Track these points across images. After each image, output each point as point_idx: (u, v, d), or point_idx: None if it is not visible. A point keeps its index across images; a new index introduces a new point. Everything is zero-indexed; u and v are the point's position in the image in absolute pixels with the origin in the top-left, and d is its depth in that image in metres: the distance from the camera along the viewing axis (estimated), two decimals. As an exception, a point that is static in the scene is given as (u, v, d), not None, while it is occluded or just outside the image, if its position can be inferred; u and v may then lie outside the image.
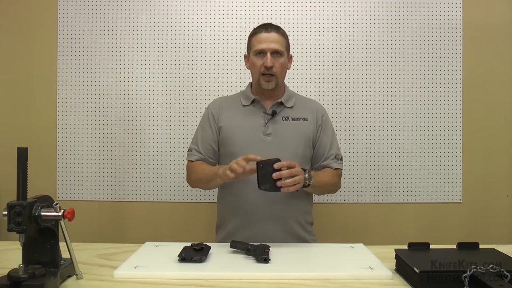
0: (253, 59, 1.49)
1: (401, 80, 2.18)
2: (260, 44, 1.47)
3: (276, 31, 1.48)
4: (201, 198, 2.16)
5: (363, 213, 2.18)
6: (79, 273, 0.99)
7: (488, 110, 2.19)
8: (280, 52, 1.47)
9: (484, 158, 2.19)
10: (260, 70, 1.48)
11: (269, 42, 1.46)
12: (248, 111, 1.54)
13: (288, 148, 1.47)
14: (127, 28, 2.17)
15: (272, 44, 1.46)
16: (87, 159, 2.17)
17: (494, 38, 2.19)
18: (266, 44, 1.46)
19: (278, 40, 1.47)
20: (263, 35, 1.47)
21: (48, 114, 2.17)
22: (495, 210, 2.19)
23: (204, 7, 2.17)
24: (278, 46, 1.46)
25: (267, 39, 1.46)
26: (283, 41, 1.49)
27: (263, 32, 1.48)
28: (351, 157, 2.16)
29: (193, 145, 1.56)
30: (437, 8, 2.18)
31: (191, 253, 1.11)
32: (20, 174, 0.92)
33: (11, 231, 0.89)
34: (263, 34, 1.47)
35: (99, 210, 2.16)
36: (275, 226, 1.46)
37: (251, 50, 1.51)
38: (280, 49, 1.47)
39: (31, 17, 2.17)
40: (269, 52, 1.46)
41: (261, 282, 0.98)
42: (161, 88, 2.17)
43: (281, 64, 1.48)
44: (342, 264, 1.11)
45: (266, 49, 1.46)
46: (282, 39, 1.49)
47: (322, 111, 1.59)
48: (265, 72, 1.47)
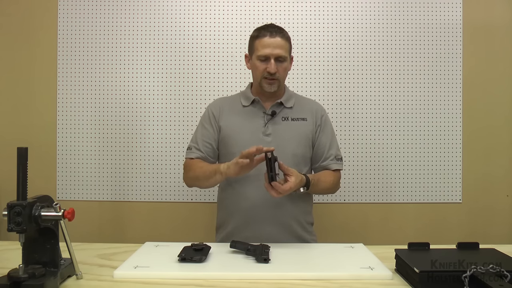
0: (256, 63, 1.48)
1: (401, 80, 2.18)
2: (264, 49, 1.44)
3: (280, 35, 1.45)
4: (201, 198, 2.16)
5: (363, 213, 2.18)
6: (79, 273, 0.99)
7: (488, 110, 2.19)
8: (283, 57, 1.46)
9: (484, 158, 2.19)
10: (263, 74, 1.47)
11: (274, 48, 1.44)
12: (248, 111, 1.54)
13: (287, 149, 1.47)
14: (127, 28, 2.17)
15: (277, 50, 1.44)
16: (87, 159, 2.17)
17: (494, 38, 2.19)
18: (271, 49, 1.44)
19: (283, 45, 1.45)
20: (267, 40, 1.44)
21: (48, 114, 2.17)
22: (495, 210, 2.19)
23: (204, 7, 2.17)
24: (282, 52, 1.44)
25: (272, 44, 1.44)
26: (287, 46, 1.47)
27: (268, 37, 1.45)
28: (351, 157, 2.16)
29: (193, 143, 1.55)
30: (437, 8, 2.18)
31: (191, 253, 1.11)
32: (20, 174, 0.92)
33: (11, 231, 0.89)
34: (267, 39, 1.44)
35: (99, 210, 2.16)
36: (275, 226, 1.46)
37: (254, 53, 1.48)
38: (284, 55, 1.45)
39: (31, 17, 2.17)
40: (273, 58, 1.44)
41: (261, 282, 0.98)
42: (161, 88, 2.17)
43: (284, 69, 1.48)
44: (342, 264, 1.11)
45: (270, 55, 1.44)
46: (286, 43, 1.46)
47: (322, 111, 1.59)
48: (268, 76, 1.47)
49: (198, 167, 1.48)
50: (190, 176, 1.51)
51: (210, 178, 1.42)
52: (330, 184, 1.50)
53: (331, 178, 1.50)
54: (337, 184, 1.55)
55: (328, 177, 1.50)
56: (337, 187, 1.56)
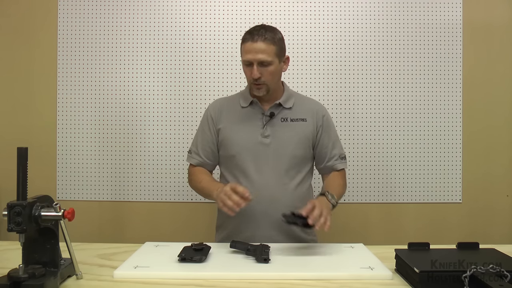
0: (244, 68, 1.47)
1: (401, 80, 2.18)
2: (246, 54, 1.42)
3: (262, 39, 1.39)
4: (201, 198, 2.14)
5: (363, 213, 2.18)
6: (79, 273, 0.99)
7: (488, 110, 2.19)
8: (267, 62, 1.40)
9: (484, 158, 2.19)
10: (250, 80, 1.46)
11: (255, 53, 1.39)
12: (247, 113, 1.53)
13: (286, 150, 1.47)
14: (127, 28, 2.17)
15: (258, 55, 1.39)
16: (87, 159, 2.17)
17: (494, 38, 2.19)
18: (252, 55, 1.40)
19: (265, 49, 1.39)
20: (249, 45, 1.40)
21: (48, 114, 2.17)
22: (495, 210, 2.19)
23: (204, 7, 2.17)
24: (264, 56, 1.39)
25: (253, 49, 1.39)
26: (270, 49, 1.40)
27: (250, 41, 1.40)
28: (351, 157, 2.16)
29: (193, 147, 1.57)
30: (437, 8, 2.18)
31: (191, 253, 1.11)
32: (20, 174, 0.92)
33: (11, 231, 0.89)
34: (249, 44, 1.40)
35: (99, 210, 2.16)
36: (275, 226, 1.46)
37: (242, 58, 1.46)
38: (267, 59, 1.39)
39: (31, 17, 2.17)
40: (256, 63, 1.41)
41: (261, 282, 0.98)
42: (161, 88, 2.17)
43: (270, 73, 1.43)
44: (342, 264, 1.11)
45: (252, 60, 1.41)
46: (269, 47, 1.40)
47: (323, 111, 1.57)
48: (253, 82, 1.45)
49: (198, 181, 1.51)
50: (192, 186, 1.57)
51: (208, 197, 1.48)
52: (342, 186, 1.53)
53: (341, 181, 1.53)
54: (345, 183, 1.58)
55: (338, 180, 1.53)
56: (346, 187, 1.59)
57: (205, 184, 1.48)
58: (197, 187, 1.53)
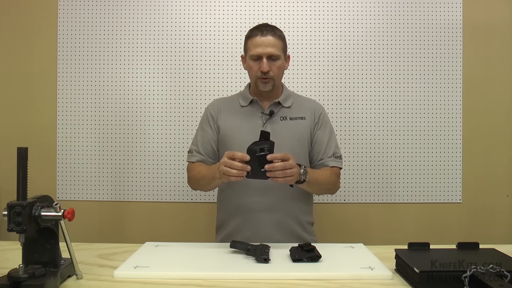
0: (250, 63, 1.49)
1: (401, 80, 2.18)
2: (256, 48, 1.45)
3: (272, 34, 1.46)
4: (201, 198, 2.16)
5: (363, 213, 2.18)
6: (79, 273, 0.99)
7: (488, 110, 2.19)
8: (276, 56, 1.46)
9: (484, 158, 2.19)
10: (257, 74, 1.47)
11: (265, 47, 1.44)
12: (246, 111, 1.54)
13: (286, 148, 1.46)
14: (127, 28, 2.17)
15: (268, 49, 1.44)
16: (87, 159, 2.17)
17: (494, 38, 2.19)
18: (262, 48, 1.44)
19: (274, 43, 1.45)
20: (258, 39, 1.45)
21: (48, 114, 2.17)
22: (495, 210, 2.19)
23: (204, 7, 2.17)
24: (274, 50, 1.44)
25: (263, 43, 1.44)
26: (279, 44, 1.47)
27: (259, 36, 1.45)
28: (351, 157, 2.16)
29: (193, 146, 1.57)
30: (437, 8, 2.18)
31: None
32: (20, 174, 0.92)
33: (11, 231, 0.89)
34: (258, 38, 1.45)
35: (99, 210, 2.16)
36: (275, 226, 1.46)
37: (248, 53, 1.49)
38: (276, 53, 1.45)
39: (31, 17, 2.17)
40: (265, 56, 1.44)
41: (261, 282, 0.98)
42: (161, 88, 2.17)
43: (277, 67, 1.47)
44: (342, 264, 1.11)
45: (262, 54, 1.44)
46: (278, 42, 1.46)
47: (320, 109, 1.58)
48: (261, 76, 1.46)
49: (196, 171, 1.49)
50: (192, 181, 1.54)
51: (211, 183, 1.44)
52: (328, 177, 1.48)
53: (327, 172, 1.49)
54: (337, 182, 1.54)
55: (326, 171, 1.49)
56: (336, 186, 1.55)
57: (205, 171, 1.45)
58: (197, 178, 1.49)
